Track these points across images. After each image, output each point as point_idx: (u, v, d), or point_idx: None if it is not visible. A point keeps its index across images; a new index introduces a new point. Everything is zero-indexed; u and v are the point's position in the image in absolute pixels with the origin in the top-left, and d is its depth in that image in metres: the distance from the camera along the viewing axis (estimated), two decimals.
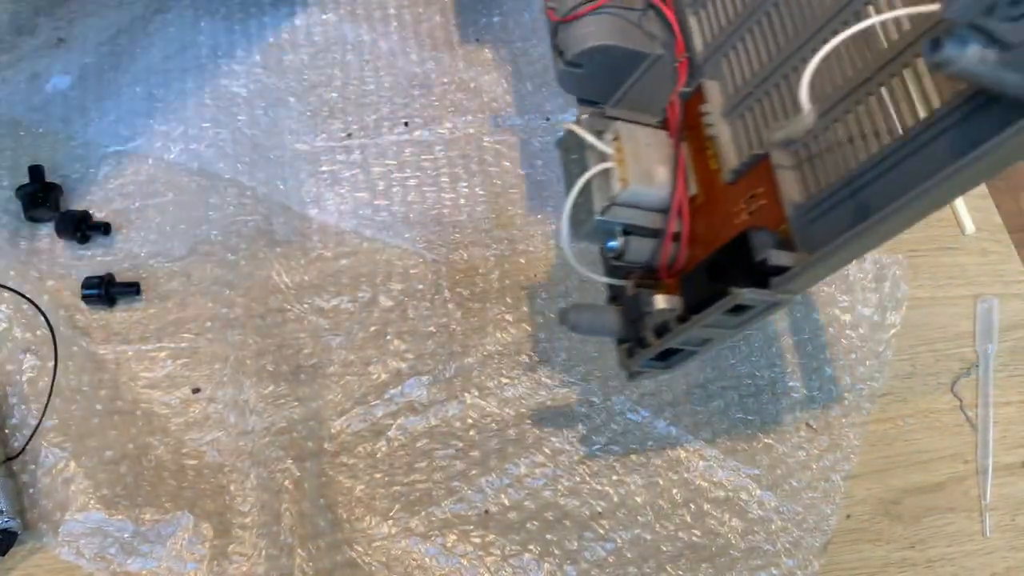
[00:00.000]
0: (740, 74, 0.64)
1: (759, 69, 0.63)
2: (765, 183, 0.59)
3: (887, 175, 0.52)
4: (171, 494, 0.77)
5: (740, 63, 0.65)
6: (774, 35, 0.62)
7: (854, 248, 0.53)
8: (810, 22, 0.59)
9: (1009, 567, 0.81)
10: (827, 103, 0.56)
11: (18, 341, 0.79)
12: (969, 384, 0.89)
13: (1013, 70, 0.41)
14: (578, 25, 0.69)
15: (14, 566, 0.74)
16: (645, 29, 0.71)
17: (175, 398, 0.81)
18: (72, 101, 0.92)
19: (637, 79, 0.72)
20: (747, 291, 0.56)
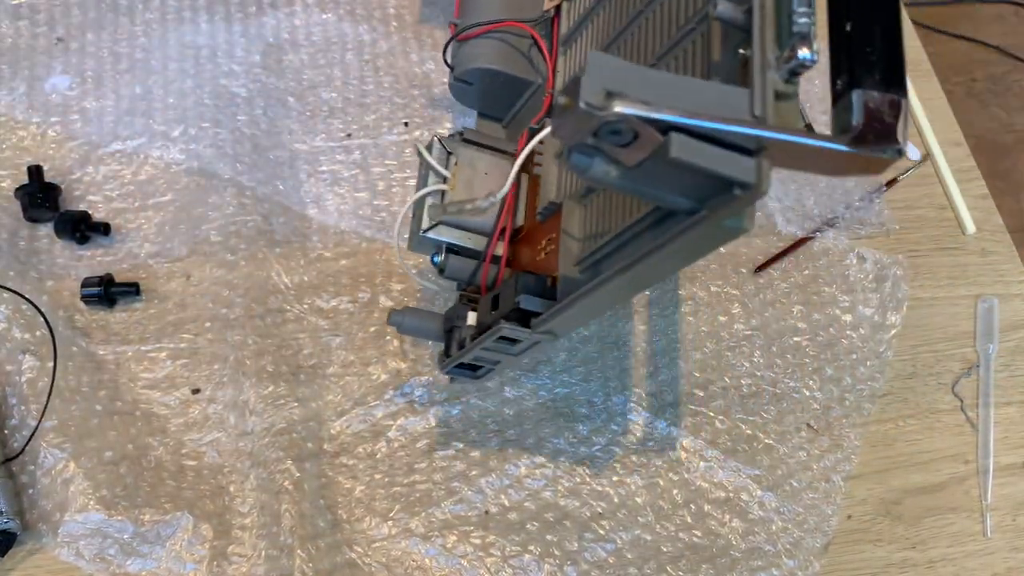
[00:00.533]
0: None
1: None
2: (558, 231, 0.64)
3: (619, 251, 0.57)
4: (171, 495, 0.77)
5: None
6: None
7: (587, 308, 0.59)
8: None
9: (1010, 567, 0.81)
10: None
11: (17, 342, 0.79)
12: (970, 384, 0.89)
13: (637, 184, 0.45)
14: (470, 45, 0.73)
15: (14, 567, 0.74)
16: (534, 60, 0.75)
17: (174, 399, 0.81)
18: (71, 101, 0.91)
19: (524, 104, 0.76)
20: (507, 326, 0.62)
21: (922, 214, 0.96)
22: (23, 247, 0.85)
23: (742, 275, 0.90)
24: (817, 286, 0.90)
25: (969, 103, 1.97)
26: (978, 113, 1.96)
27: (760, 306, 0.89)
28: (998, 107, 1.97)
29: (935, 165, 0.99)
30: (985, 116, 1.96)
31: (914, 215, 0.96)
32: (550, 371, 0.84)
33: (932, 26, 1.99)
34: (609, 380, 0.84)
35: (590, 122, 0.42)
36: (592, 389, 0.84)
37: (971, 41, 2.03)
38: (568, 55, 0.73)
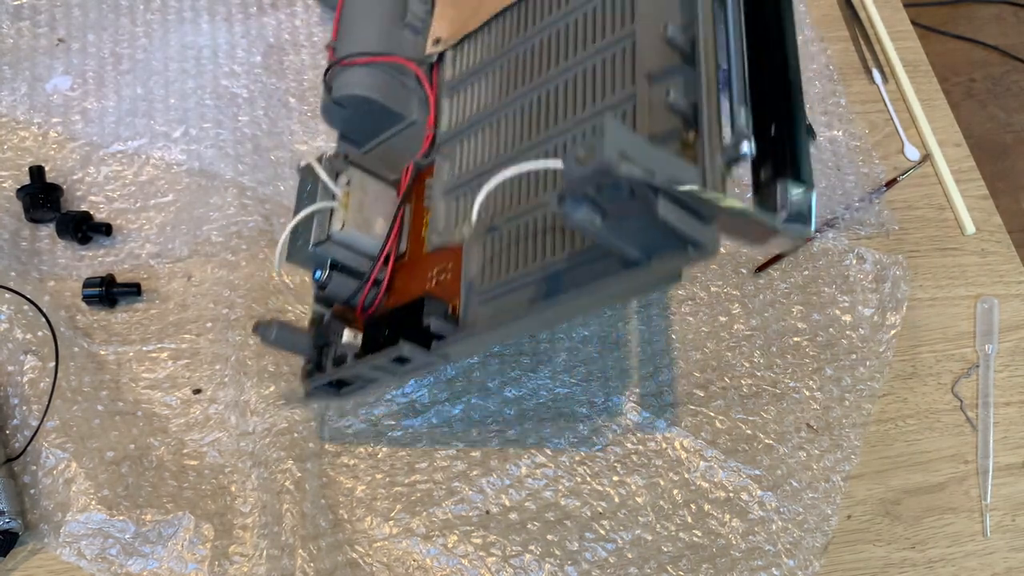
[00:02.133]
0: (467, 163, 0.73)
1: (479, 165, 0.72)
2: (454, 261, 0.69)
3: (532, 287, 0.63)
4: (172, 495, 0.77)
5: (469, 153, 0.73)
6: (498, 141, 0.71)
7: (495, 336, 0.64)
8: (518, 143, 0.70)
9: (1010, 567, 0.81)
10: (501, 217, 0.68)
11: (19, 342, 0.79)
12: (970, 384, 0.89)
13: (610, 234, 0.53)
14: (352, 71, 0.74)
15: (15, 566, 0.75)
16: (410, 95, 0.78)
17: (176, 399, 0.81)
18: (73, 102, 0.92)
19: (391, 136, 0.78)
20: (407, 346, 0.65)
21: (922, 214, 0.96)
22: (25, 247, 0.85)
23: (742, 275, 0.90)
24: (817, 286, 0.90)
25: (968, 103, 1.97)
26: (977, 113, 1.96)
27: (760, 306, 0.89)
28: (997, 107, 1.97)
29: (935, 165, 0.99)
30: (984, 116, 1.96)
31: (914, 215, 0.96)
32: (551, 371, 0.84)
33: (932, 26, 1.99)
34: (609, 380, 0.85)
35: (603, 176, 0.48)
36: (593, 389, 0.84)
37: (970, 41, 2.03)
38: (455, 101, 0.77)
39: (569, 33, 0.70)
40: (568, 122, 0.67)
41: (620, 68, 0.65)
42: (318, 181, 0.71)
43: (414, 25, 0.79)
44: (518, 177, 0.66)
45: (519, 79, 0.72)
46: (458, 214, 0.71)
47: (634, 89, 0.63)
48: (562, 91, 0.68)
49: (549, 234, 0.64)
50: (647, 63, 0.63)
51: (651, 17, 0.64)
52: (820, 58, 1.05)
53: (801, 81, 0.58)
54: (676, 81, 0.61)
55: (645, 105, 0.61)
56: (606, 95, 0.65)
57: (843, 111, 1.02)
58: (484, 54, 0.76)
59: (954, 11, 2.09)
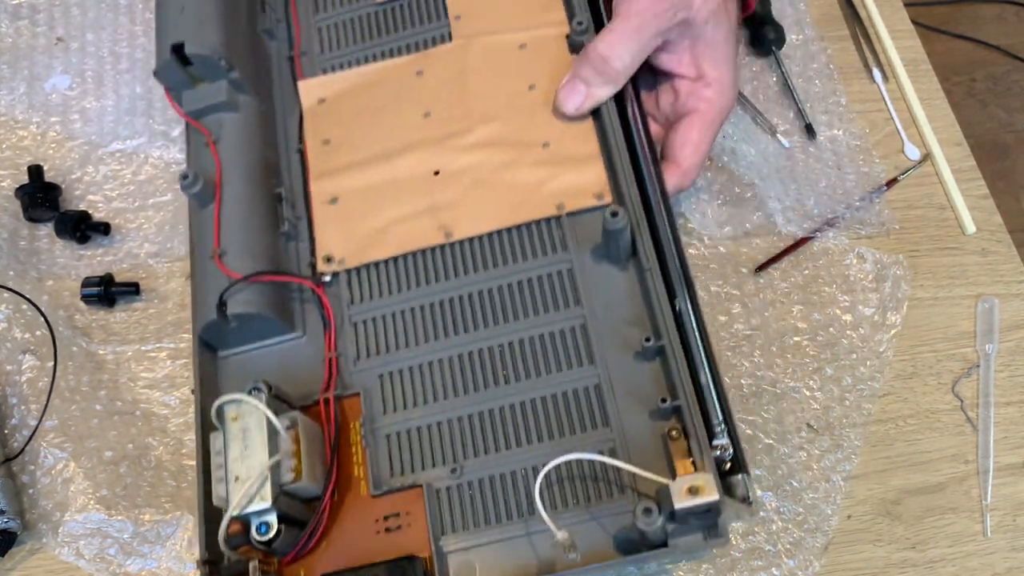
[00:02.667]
0: (399, 403, 0.71)
1: (420, 410, 0.71)
2: (413, 509, 0.67)
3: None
4: (171, 495, 0.77)
5: (399, 394, 0.72)
6: (434, 389, 0.71)
7: None
8: (460, 393, 0.71)
9: (1010, 567, 0.81)
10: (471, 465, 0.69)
11: (17, 342, 0.79)
12: (970, 384, 0.88)
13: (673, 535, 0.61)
14: (249, 290, 0.71)
15: (14, 566, 0.75)
16: (297, 309, 0.75)
17: (174, 399, 0.81)
18: (71, 101, 0.92)
19: (266, 346, 0.74)
20: None
21: (922, 214, 0.96)
22: (23, 247, 0.85)
23: (742, 275, 0.90)
24: (817, 286, 0.90)
25: (969, 103, 1.97)
26: (978, 113, 1.96)
27: (760, 306, 0.89)
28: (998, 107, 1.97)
29: (935, 165, 0.99)
30: (985, 116, 1.96)
31: (914, 215, 0.96)
32: None
33: (932, 26, 1.99)
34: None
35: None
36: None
37: (971, 41, 2.03)
38: (364, 330, 0.74)
39: (510, 294, 0.74)
40: (524, 387, 0.70)
41: (574, 345, 0.71)
42: (263, 428, 0.63)
43: (289, 233, 0.77)
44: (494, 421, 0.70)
45: (450, 328, 0.73)
46: (401, 453, 0.70)
47: (597, 371, 0.70)
48: (510, 352, 0.71)
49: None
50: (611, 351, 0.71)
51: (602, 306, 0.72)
52: (820, 57, 1.05)
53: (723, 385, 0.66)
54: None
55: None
56: (563, 368, 0.71)
57: (843, 110, 1.01)
58: (397, 287, 0.75)
59: (955, 10, 2.09)
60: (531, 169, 0.77)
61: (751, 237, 0.92)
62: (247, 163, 0.76)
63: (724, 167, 0.96)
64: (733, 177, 0.95)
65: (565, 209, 0.75)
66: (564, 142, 0.77)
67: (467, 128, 0.79)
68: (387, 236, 0.76)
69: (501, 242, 0.75)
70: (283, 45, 0.86)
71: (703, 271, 0.90)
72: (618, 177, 0.74)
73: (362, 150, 0.80)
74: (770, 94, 1.01)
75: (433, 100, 0.81)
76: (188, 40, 0.75)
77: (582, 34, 0.79)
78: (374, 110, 0.81)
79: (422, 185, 0.78)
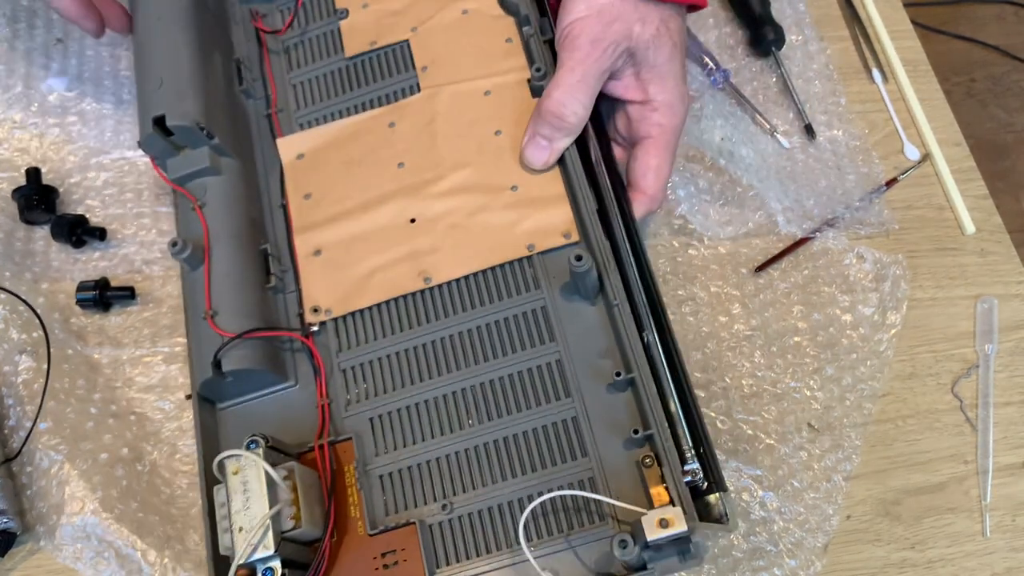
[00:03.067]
0: (390, 445, 0.75)
1: (408, 451, 0.74)
2: (408, 546, 0.70)
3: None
4: (166, 499, 0.77)
5: (389, 436, 0.75)
6: (422, 429, 0.75)
7: None
8: (445, 432, 0.75)
9: (1009, 568, 0.81)
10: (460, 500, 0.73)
11: (14, 342, 0.79)
12: (969, 384, 0.88)
13: (651, 560, 0.66)
14: (242, 346, 0.73)
15: (14, 566, 0.74)
16: (288, 360, 0.78)
17: (169, 403, 0.81)
18: (69, 103, 0.92)
19: (262, 397, 0.77)
20: None
21: (921, 214, 0.96)
22: (19, 248, 0.85)
23: (742, 275, 0.90)
24: (817, 286, 0.90)
25: (969, 103, 1.97)
26: (978, 113, 1.96)
27: (760, 306, 0.89)
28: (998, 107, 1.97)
29: (935, 165, 0.99)
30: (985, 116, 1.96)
31: (913, 215, 0.96)
32: None
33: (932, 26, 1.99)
34: None
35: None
36: None
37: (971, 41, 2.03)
38: (352, 376, 0.78)
39: (489, 334, 0.78)
40: (506, 423, 0.74)
41: (551, 380, 0.75)
42: (260, 479, 0.66)
43: (277, 286, 0.80)
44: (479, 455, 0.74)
45: (433, 369, 0.77)
46: (394, 494, 0.73)
47: (574, 404, 0.74)
48: (491, 390, 0.75)
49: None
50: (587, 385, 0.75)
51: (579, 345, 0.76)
52: (820, 57, 1.05)
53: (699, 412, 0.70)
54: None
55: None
56: (541, 402, 0.75)
57: (843, 110, 1.01)
58: (382, 333, 0.79)
59: (955, 10, 2.09)
60: (502, 212, 0.81)
61: (751, 237, 0.92)
62: (233, 224, 0.80)
63: (725, 168, 0.95)
64: (734, 178, 0.95)
65: (536, 249, 0.79)
66: (531, 185, 0.82)
67: (440, 176, 0.83)
68: (370, 284, 0.80)
69: (478, 284, 0.79)
70: (260, 104, 0.90)
71: (703, 271, 0.90)
72: (583, 217, 0.78)
73: (342, 202, 0.83)
74: (770, 94, 1.01)
75: (406, 150, 0.85)
76: (168, 112, 0.79)
77: (541, 79, 0.83)
78: (351, 163, 0.85)
79: (400, 233, 0.81)
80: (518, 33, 0.89)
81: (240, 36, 0.92)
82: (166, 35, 0.83)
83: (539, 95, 0.82)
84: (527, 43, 0.87)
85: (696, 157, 0.95)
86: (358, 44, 0.90)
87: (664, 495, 0.67)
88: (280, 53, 0.92)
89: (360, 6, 0.92)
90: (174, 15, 0.84)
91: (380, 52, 0.90)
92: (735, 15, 1.06)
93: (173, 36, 0.83)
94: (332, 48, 0.91)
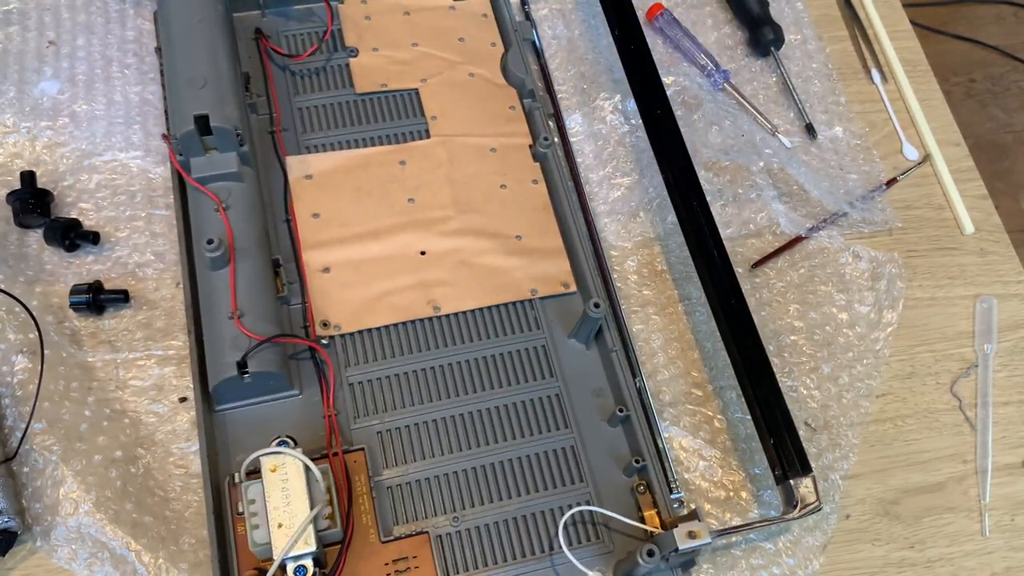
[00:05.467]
0: (400, 457, 0.78)
1: (419, 463, 0.78)
2: (420, 554, 0.74)
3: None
4: (160, 500, 0.77)
5: (400, 448, 0.79)
6: (431, 444, 0.79)
7: None
8: (456, 449, 0.79)
9: (1008, 567, 0.81)
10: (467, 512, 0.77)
11: (11, 343, 0.79)
12: (968, 384, 0.88)
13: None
14: (268, 351, 0.76)
15: (14, 566, 0.74)
16: (295, 372, 0.80)
17: (162, 406, 0.80)
18: (62, 105, 0.91)
19: (264, 403, 0.79)
20: None
21: (921, 214, 0.96)
22: (13, 251, 0.84)
23: (739, 274, 0.89)
24: (813, 284, 0.90)
25: (968, 103, 1.97)
26: (977, 113, 1.96)
27: (756, 305, 0.88)
28: (997, 107, 1.96)
29: (934, 165, 0.99)
30: (984, 116, 1.95)
31: (913, 215, 0.96)
32: None
33: (931, 26, 1.98)
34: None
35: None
36: None
37: (970, 41, 2.03)
38: (361, 390, 0.81)
39: (494, 364, 0.83)
40: (509, 447, 0.80)
41: (551, 411, 0.82)
42: (304, 478, 0.69)
43: (286, 297, 0.83)
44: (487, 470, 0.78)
45: (441, 392, 0.81)
46: (404, 501, 0.76)
47: (572, 434, 0.81)
48: (496, 416, 0.81)
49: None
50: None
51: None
52: (819, 57, 1.05)
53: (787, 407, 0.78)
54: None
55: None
56: (542, 431, 0.81)
57: (843, 109, 1.01)
58: (391, 352, 0.83)
59: (954, 11, 2.08)
60: (507, 257, 0.88)
61: (750, 237, 0.92)
62: (256, 232, 0.82)
63: (726, 168, 0.95)
64: (735, 178, 0.95)
65: (538, 294, 0.86)
66: (533, 237, 0.89)
67: (449, 216, 0.89)
68: (381, 306, 0.84)
69: (484, 318, 0.85)
70: (264, 120, 0.92)
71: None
72: (582, 270, 0.87)
73: (352, 226, 0.87)
74: (770, 94, 1.01)
75: (417, 187, 0.91)
76: (212, 113, 0.81)
77: (547, 148, 0.92)
78: (362, 191, 0.89)
79: (410, 263, 0.86)
80: (520, 103, 0.97)
81: (243, 51, 0.94)
82: (208, 37, 0.87)
83: (540, 161, 0.93)
84: (529, 113, 0.96)
85: (697, 157, 0.95)
86: (369, 83, 0.96)
87: (655, 519, 0.76)
88: (285, 76, 0.95)
89: (370, 48, 0.98)
90: (215, 19, 0.88)
91: (390, 94, 0.96)
92: (734, 16, 1.06)
93: (215, 39, 0.87)
94: (342, 82, 0.96)
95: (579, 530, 0.76)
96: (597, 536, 0.76)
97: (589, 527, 0.76)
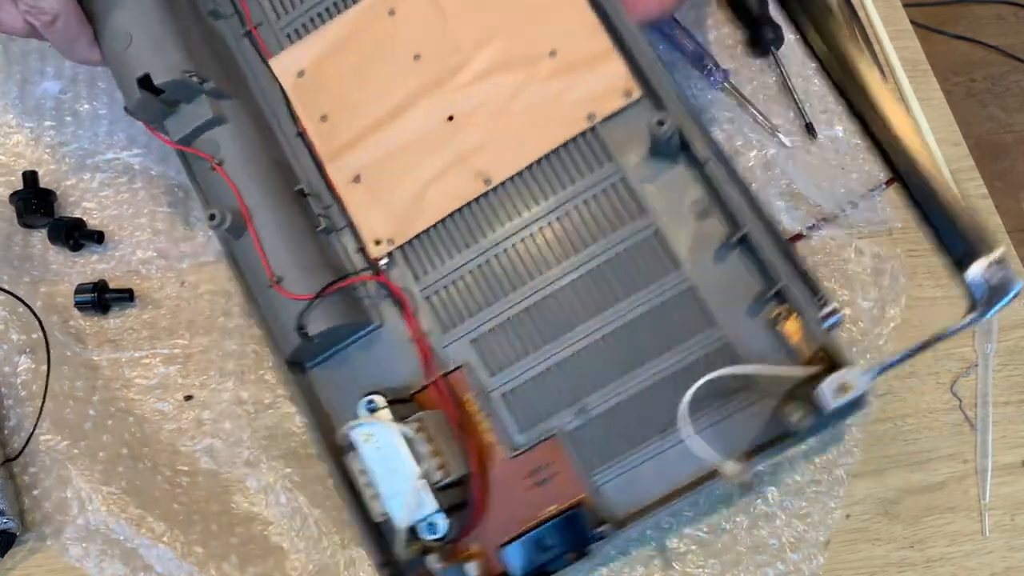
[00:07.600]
0: (501, 362, 0.72)
1: (525, 363, 0.71)
2: (556, 458, 0.69)
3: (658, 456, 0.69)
4: (167, 499, 0.77)
5: (499, 354, 0.72)
6: (531, 338, 0.71)
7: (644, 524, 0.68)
8: (555, 334, 0.71)
9: (1008, 567, 0.81)
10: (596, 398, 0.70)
11: (14, 343, 0.79)
12: (968, 384, 0.88)
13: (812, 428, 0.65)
14: (319, 307, 0.70)
15: (14, 566, 0.75)
16: (365, 302, 0.74)
17: (168, 404, 0.81)
18: (64, 105, 0.91)
19: (351, 345, 0.74)
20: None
21: None
22: (17, 252, 0.85)
23: None
24: None
25: (968, 103, 1.97)
26: (977, 113, 1.96)
27: None
28: (997, 107, 1.97)
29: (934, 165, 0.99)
30: (984, 116, 1.96)
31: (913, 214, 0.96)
32: None
33: (931, 26, 1.98)
34: None
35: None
36: None
37: (970, 41, 2.03)
38: (436, 301, 0.74)
39: (571, 223, 0.72)
40: (617, 311, 0.70)
41: (653, 254, 0.70)
42: (397, 444, 0.65)
43: (327, 227, 0.75)
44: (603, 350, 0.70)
45: (523, 275, 0.72)
46: (524, 410, 0.71)
47: (684, 274, 0.70)
48: (592, 282, 0.71)
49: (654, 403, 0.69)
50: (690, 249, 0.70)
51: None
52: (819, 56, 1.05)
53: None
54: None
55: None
56: (649, 283, 0.70)
57: (843, 109, 1.01)
58: (456, 249, 0.73)
59: (954, 11, 2.08)
60: (545, 84, 0.72)
61: None
62: (260, 174, 0.73)
63: None
64: None
65: (597, 118, 0.72)
66: (571, 44, 0.72)
67: (464, 60, 0.74)
68: (426, 200, 0.73)
69: (542, 173, 0.73)
70: (233, 22, 0.80)
71: None
72: (642, 68, 0.71)
73: (364, 116, 0.75)
74: (770, 94, 1.01)
75: (417, 39, 0.75)
76: (151, 70, 0.71)
77: None
78: (359, 67, 0.76)
79: (439, 136, 0.74)
80: None
81: None
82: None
83: None
84: None
85: None
86: None
87: (806, 349, 0.66)
88: None
89: None
90: None
91: None
92: (734, 15, 1.06)
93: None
94: None
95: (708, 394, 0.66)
96: (735, 391, 0.67)
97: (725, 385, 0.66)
